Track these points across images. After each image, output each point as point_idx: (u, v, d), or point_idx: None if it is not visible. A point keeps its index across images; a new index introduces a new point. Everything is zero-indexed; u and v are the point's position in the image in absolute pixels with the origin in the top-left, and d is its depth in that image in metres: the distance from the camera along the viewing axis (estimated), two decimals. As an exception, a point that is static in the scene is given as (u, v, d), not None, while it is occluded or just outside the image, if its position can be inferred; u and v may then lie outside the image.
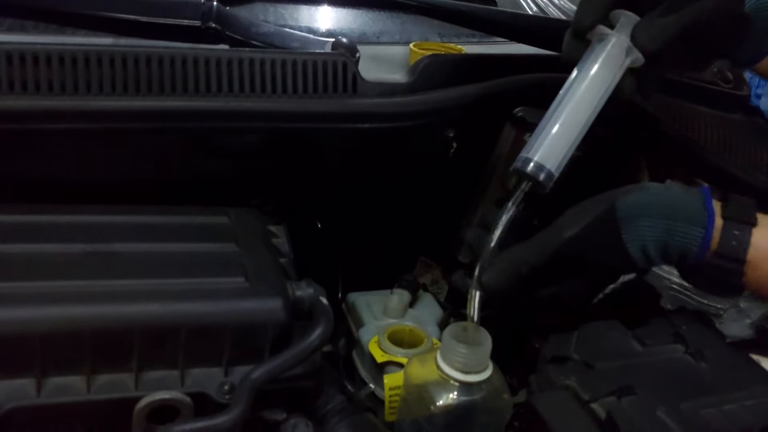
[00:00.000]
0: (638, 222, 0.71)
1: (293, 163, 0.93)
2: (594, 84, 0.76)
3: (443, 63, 0.99)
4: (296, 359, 0.65)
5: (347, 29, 1.36)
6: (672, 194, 0.73)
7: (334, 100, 0.90)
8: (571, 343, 0.73)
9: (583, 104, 0.76)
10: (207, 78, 0.84)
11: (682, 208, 0.71)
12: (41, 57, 0.78)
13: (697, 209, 0.71)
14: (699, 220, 0.70)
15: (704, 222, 0.70)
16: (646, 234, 0.71)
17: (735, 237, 0.69)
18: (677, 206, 0.71)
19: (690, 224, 0.70)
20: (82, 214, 0.76)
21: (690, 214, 0.71)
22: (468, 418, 0.70)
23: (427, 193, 0.99)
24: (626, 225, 0.71)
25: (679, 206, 0.71)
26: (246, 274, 0.70)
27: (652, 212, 0.71)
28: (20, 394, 0.60)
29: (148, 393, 0.62)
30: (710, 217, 0.70)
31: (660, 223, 0.70)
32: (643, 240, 0.71)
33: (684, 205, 0.71)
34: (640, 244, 0.71)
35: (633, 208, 0.71)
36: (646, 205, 0.71)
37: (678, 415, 0.62)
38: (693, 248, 0.70)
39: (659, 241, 0.71)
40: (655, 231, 0.70)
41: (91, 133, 0.81)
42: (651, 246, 0.71)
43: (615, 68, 0.76)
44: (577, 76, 0.77)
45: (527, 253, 0.73)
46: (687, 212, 0.71)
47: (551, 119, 0.76)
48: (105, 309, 0.63)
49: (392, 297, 0.96)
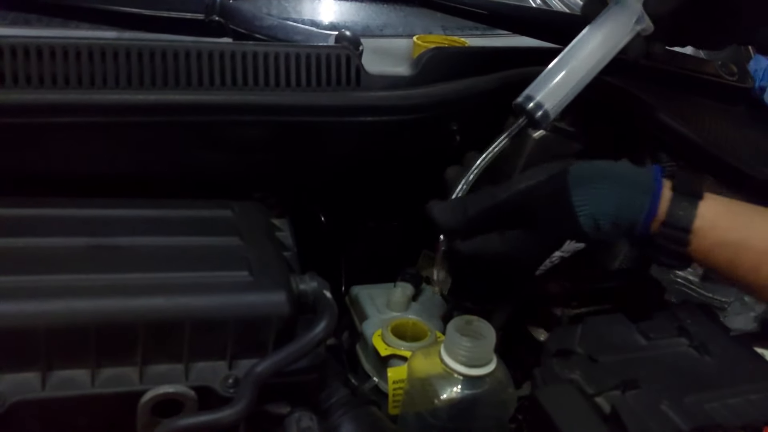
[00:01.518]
0: (588, 186, 0.72)
1: (296, 157, 0.93)
2: (603, 40, 0.82)
3: (447, 56, 0.99)
4: (300, 353, 0.65)
5: (350, 22, 1.36)
6: (624, 166, 0.75)
7: (338, 93, 0.90)
8: (576, 337, 0.73)
9: (590, 57, 0.82)
10: (210, 71, 0.84)
11: (632, 177, 0.73)
12: (45, 51, 0.78)
13: (646, 180, 0.73)
14: (647, 189, 0.72)
15: (652, 191, 0.72)
16: (595, 199, 0.72)
17: (682, 207, 0.72)
18: (628, 176, 0.73)
19: (638, 192, 0.72)
20: (86, 208, 0.76)
21: (639, 184, 0.73)
22: (472, 411, 0.70)
23: (431, 186, 0.99)
24: (576, 188, 0.72)
25: (630, 176, 0.73)
26: (250, 268, 0.70)
27: (603, 179, 0.73)
28: (25, 388, 0.60)
29: (152, 387, 0.62)
30: (658, 187, 0.72)
31: (609, 190, 0.72)
32: (591, 204, 0.72)
33: (634, 176, 0.73)
34: (588, 208, 0.72)
35: (585, 172, 0.73)
36: (598, 171, 0.73)
37: (682, 408, 0.62)
38: (641, 216, 0.72)
39: (609, 208, 0.72)
40: (604, 197, 0.72)
41: (94, 127, 0.81)
42: (599, 213, 0.72)
43: (625, 29, 0.82)
44: (589, 31, 0.83)
45: (479, 196, 0.76)
46: (636, 182, 0.73)
47: (558, 65, 0.82)
48: (109, 303, 0.63)
49: (395, 290, 0.96)
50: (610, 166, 0.74)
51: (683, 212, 0.71)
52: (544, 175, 0.74)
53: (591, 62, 0.82)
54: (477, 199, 0.76)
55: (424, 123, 0.95)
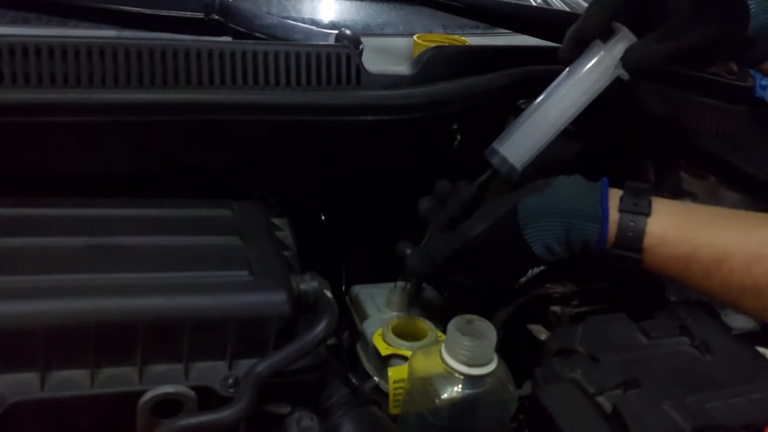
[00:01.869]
0: (538, 222, 0.76)
1: (297, 156, 0.93)
2: (574, 92, 0.81)
3: (447, 55, 0.99)
4: (301, 352, 0.65)
5: (350, 21, 1.36)
6: (572, 192, 0.77)
7: (338, 92, 0.90)
8: (577, 336, 0.73)
9: (559, 109, 0.82)
10: (210, 70, 0.84)
11: (578, 206, 0.76)
12: (44, 50, 0.78)
13: (593, 207, 0.76)
14: (595, 217, 0.75)
15: (599, 218, 0.75)
16: (547, 233, 0.76)
17: (630, 228, 0.74)
18: (574, 205, 0.76)
19: (587, 221, 0.75)
20: (85, 208, 0.76)
21: (586, 212, 0.75)
22: (473, 411, 0.70)
23: (430, 185, 0.99)
24: (527, 226, 0.76)
25: (576, 205, 0.76)
26: (250, 267, 0.70)
27: (551, 213, 0.76)
28: (24, 388, 0.60)
29: (152, 387, 0.62)
30: (605, 213, 0.75)
31: (559, 222, 0.76)
32: (544, 238, 0.76)
33: (581, 204, 0.76)
34: (542, 242, 0.76)
35: (532, 209, 0.76)
36: (544, 207, 0.76)
37: (684, 408, 0.62)
38: (593, 242, 0.76)
39: (561, 237, 0.76)
40: (555, 229, 0.76)
41: (93, 126, 0.81)
42: (554, 242, 0.76)
43: (598, 81, 0.81)
44: (561, 81, 0.82)
45: (441, 245, 0.81)
46: (583, 210, 0.76)
47: (527, 116, 0.82)
48: (109, 302, 0.63)
49: (396, 290, 0.96)
50: (555, 198, 0.77)
51: (632, 233, 0.74)
52: (494, 217, 0.77)
53: (564, 115, 0.82)
54: (439, 248, 0.81)
55: (424, 122, 0.94)
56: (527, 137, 0.82)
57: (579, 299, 0.83)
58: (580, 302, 0.83)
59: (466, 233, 0.79)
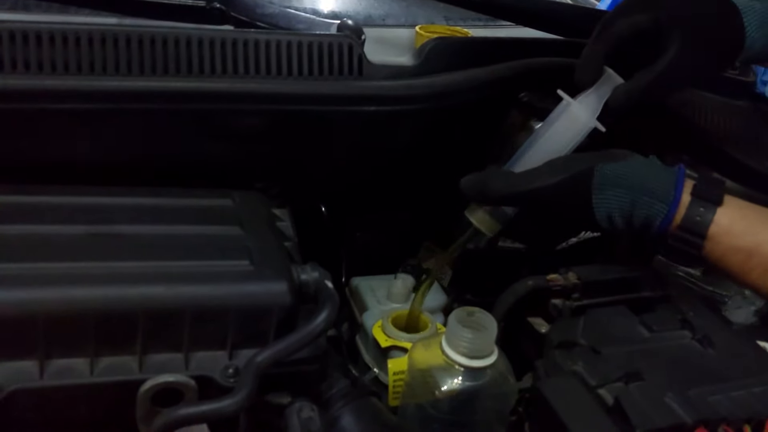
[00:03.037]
0: (609, 191, 0.76)
1: (298, 146, 0.92)
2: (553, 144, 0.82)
3: (449, 46, 0.98)
4: (301, 343, 0.65)
5: (352, 11, 1.35)
6: (648, 170, 0.77)
7: (340, 82, 0.89)
8: (578, 329, 0.73)
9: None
10: (211, 59, 0.83)
11: (652, 183, 0.76)
12: (44, 36, 0.77)
13: (666, 186, 0.76)
14: (666, 196, 0.75)
15: (670, 199, 0.75)
16: (614, 202, 0.76)
17: (699, 213, 0.75)
18: (648, 181, 0.76)
19: (656, 199, 0.75)
20: (85, 196, 0.76)
21: (658, 190, 0.76)
22: (473, 403, 0.70)
23: (432, 177, 0.99)
24: (598, 191, 0.76)
25: (650, 181, 0.76)
26: (251, 257, 0.69)
27: (623, 184, 0.76)
28: (23, 376, 0.60)
29: (152, 376, 0.62)
30: (677, 194, 0.75)
31: (627, 194, 0.76)
32: (609, 207, 0.76)
33: (655, 181, 0.76)
34: (606, 210, 0.76)
35: (608, 176, 0.76)
36: (620, 176, 0.76)
37: (686, 401, 0.62)
38: (656, 220, 0.76)
39: (624, 211, 0.76)
40: (621, 200, 0.76)
41: (94, 114, 0.80)
42: (616, 213, 0.76)
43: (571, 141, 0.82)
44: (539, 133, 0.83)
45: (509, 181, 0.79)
46: (655, 188, 0.76)
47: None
48: (109, 291, 0.62)
49: (396, 282, 0.96)
50: (631, 170, 0.77)
51: (700, 218, 0.75)
52: (566, 174, 0.77)
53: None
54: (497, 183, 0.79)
55: (426, 113, 0.94)
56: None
57: (580, 292, 0.83)
58: (581, 295, 0.82)
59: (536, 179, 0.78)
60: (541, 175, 0.78)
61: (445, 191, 0.99)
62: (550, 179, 0.77)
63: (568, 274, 0.83)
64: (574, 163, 0.78)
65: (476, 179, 0.81)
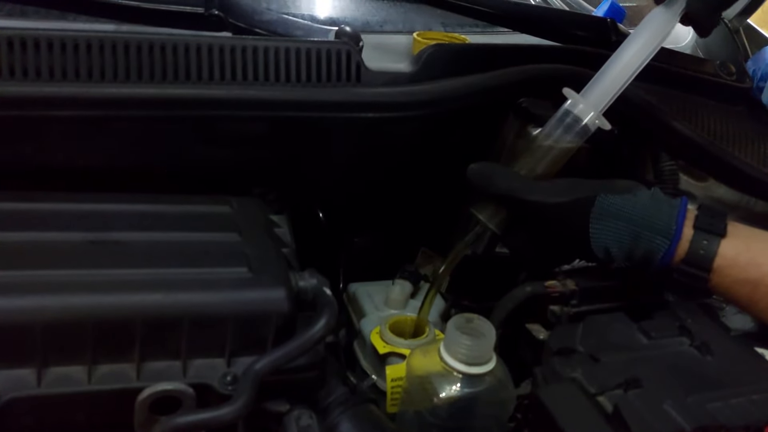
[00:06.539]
0: (608, 222, 0.76)
1: (296, 152, 0.92)
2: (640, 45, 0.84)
3: (447, 52, 0.98)
4: (299, 350, 0.64)
5: (350, 18, 1.35)
6: (647, 203, 0.77)
7: (338, 88, 0.89)
8: (577, 336, 0.73)
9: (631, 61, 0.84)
10: (210, 66, 0.83)
11: (652, 218, 0.76)
12: (42, 43, 0.77)
13: (667, 220, 0.76)
14: (667, 231, 0.75)
15: (671, 233, 0.75)
16: (611, 234, 0.76)
17: (703, 246, 0.75)
18: (649, 215, 0.76)
19: (656, 233, 0.75)
20: (83, 203, 0.75)
21: (659, 224, 0.75)
22: (471, 410, 0.70)
23: (430, 183, 0.99)
24: (597, 221, 0.76)
25: (650, 216, 0.76)
26: (249, 264, 0.69)
27: (623, 217, 0.76)
28: (21, 384, 0.59)
29: (150, 384, 0.61)
30: (678, 228, 0.75)
31: (627, 228, 0.76)
32: (606, 238, 0.76)
33: (656, 215, 0.76)
34: (603, 241, 0.76)
35: (609, 207, 0.76)
36: (621, 208, 0.76)
37: (685, 408, 0.62)
38: (657, 255, 0.76)
39: (623, 244, 0.76)
40: (620, 234, 0.76)
41: (92, 121, 0.80)
42: (614, 246, 0.76)
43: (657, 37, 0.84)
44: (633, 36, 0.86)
45: (511, 184, 0.79)
46: (656, 223, 0.76)
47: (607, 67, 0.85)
48: (107, 298, 0.62)
49: (394, 288, 0.96)
50: (632, 204, 0.76)
51: (704, 251, 0.75)
52: (567, 198, 0.77)
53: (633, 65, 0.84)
54: (500, 180, 0.80)
55: (424, 120, 0.94)
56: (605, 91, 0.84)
57: (578, 298, 0.83)
58: (579, 301, 0.82)
59: (538, 193, 0.78)
60: (542, 189, 0.78)
61: (443, 197, 0.99)
62: (550, 198, 0.77)
63: (566, 280, 0.84)
64: (578, 188, 0.78)
65: (483, 169, 0.82)
